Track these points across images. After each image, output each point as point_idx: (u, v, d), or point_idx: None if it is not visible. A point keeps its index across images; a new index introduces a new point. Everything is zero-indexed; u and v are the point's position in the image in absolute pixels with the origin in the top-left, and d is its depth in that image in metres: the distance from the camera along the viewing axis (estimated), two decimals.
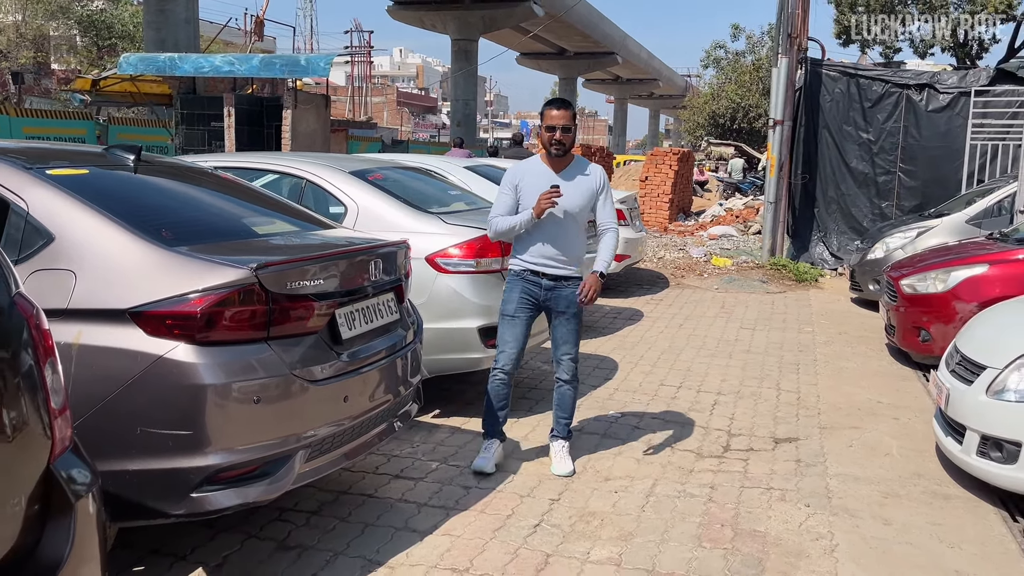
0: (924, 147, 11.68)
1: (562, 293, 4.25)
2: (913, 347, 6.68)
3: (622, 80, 77.56)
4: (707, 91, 41.38)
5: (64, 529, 1.81)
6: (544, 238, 4.19)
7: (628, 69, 69.36)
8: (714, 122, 37.20)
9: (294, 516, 3.74)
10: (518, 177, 4.26)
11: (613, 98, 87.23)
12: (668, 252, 12.48)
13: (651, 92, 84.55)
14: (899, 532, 3.74)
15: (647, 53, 70.91)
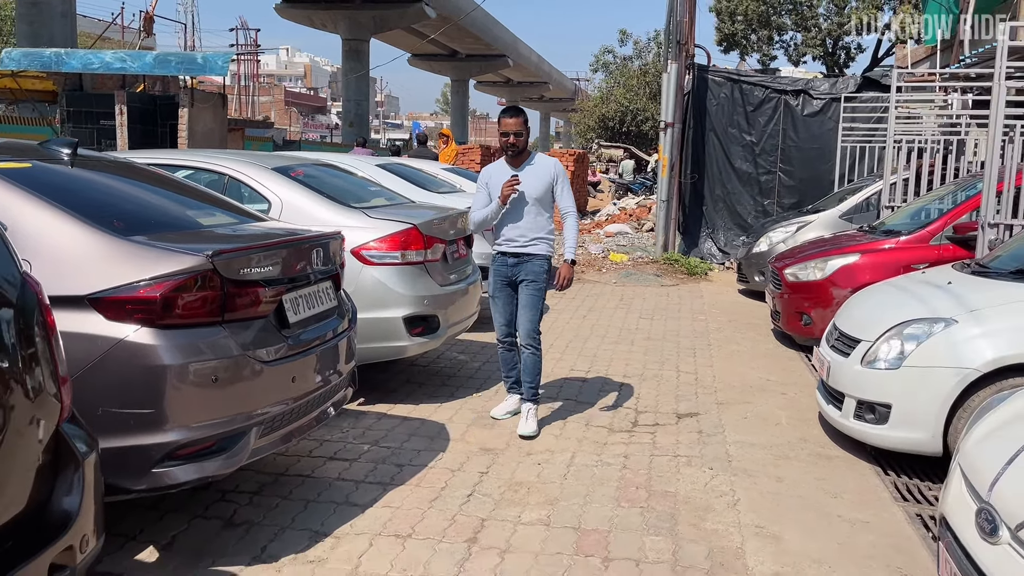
0: (801, 148, 12.59)
1: (524, 267, 5.01)
2: (796, 330, 7.31)
3: (513, 83, 78.56)
4: (597, 95, 42.46)
5: (75, 484, 1.98)
6: (509, 223, 4.98)
7: (519, 72, 70.35)
8: (604, 125, 38.23)
9: (237, 496, 3.90)
10: (487, 177, 5.09)
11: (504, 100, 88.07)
12: None
13: (541, 95, 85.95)
14: (790, 487, 4.22)
15: (537, 56, 72.11)
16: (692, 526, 3.73)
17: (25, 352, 1.86)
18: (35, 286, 2.00)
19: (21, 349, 1.84)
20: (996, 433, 2.64)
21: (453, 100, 68.29)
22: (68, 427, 2.11)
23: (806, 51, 32.65)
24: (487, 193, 5.04)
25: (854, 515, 3.90)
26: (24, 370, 1.84)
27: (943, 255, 6.70)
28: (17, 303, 1.91)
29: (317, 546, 3.47)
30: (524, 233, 4.97)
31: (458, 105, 66.97)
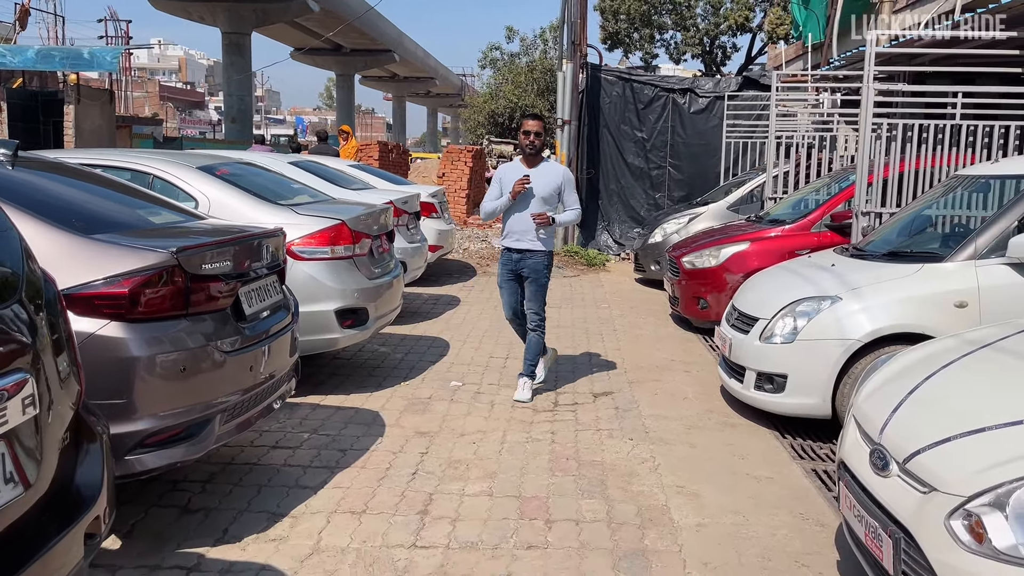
0: (688, 144, 13.34)
1: (527, 263, 5.62)
2: (694, 314, 7.88)
3: (399, 78, 78.05)
4: (485, 91, 42.85)
5: (97, 459, 2.15)
6: (511, 220, 5.59)
7: (405, 67, 69.98)
8: (493, 121, 38.63)
9: (189, 486, 4.03)
10: (502, 173, 5.69)
11: (391, 95, 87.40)
12: (472, 243, 13.27)
13: (428, 90, 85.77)
14: (702, 451, 4.69)
15: (423, 52, 71.92)
16: (621, 489, 4.12)
17: (53, 337, 2.03)
18: (50, 276, 2.16)
19: (51, 335, 2.01)
20: (882, 388, 3.12)
21: (339, 95, 67.29)
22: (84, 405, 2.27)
23: (686, 50, 34.06)
24: (500, 187, 5.61)
25: (760, 472, 4.39)
26: (55, 353, 2.01)
27: (822, 241, 7.38)
28: (45, 294, 2.07)
29: (276, 526, 3.67)
30: (528, 228, 5.52)
31: (344, 100, 66.05)
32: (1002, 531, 2.19)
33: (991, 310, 4.56)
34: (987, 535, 2.22)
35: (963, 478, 2.35)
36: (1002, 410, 2.52)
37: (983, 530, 2.23)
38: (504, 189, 5.57)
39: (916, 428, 2.70)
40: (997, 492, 2.24)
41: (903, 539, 2.50)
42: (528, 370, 5.71)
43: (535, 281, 5.64)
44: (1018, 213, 4.70)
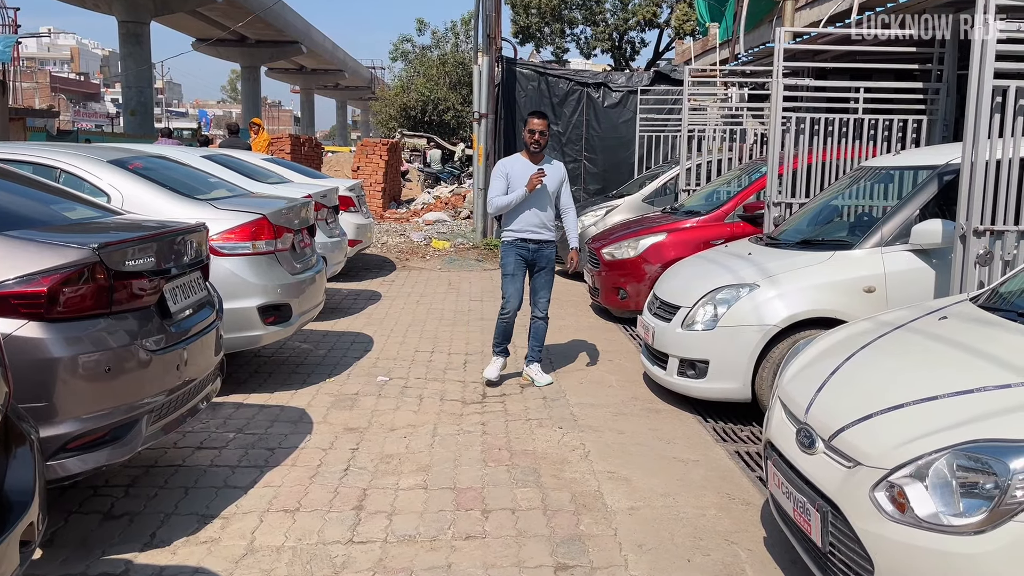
0: (603, 138, 13.55)
1: (543, 253, 5.82)
2: (614, 304, 8.02)
3: (307, 70, 76.51)
4: (397, 84, 42.44)
5: (29, 463, 2.06)
6: (531, 211, 5.68)
7: (313, 59, 68.65)
8: (406, 114, 38.32)
9: (110, 490, 3.90)
10: (508, 168, 5.75)
11: (299, 88, 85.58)
12: (391, 238, 13.17)
13: (337, 83, 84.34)
14: (630, 437, 4.80)
15: (332, 44, 70.71)
16: (553, 477, 4.19)
17: None
18: None
19: None
20: (804, 370, 3.27)
21: (244, 87, 65.45)
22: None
23: (596, 45, 34.57)
24: (505, 182, 5.68)
25: (686, 456, 4.52)
26: None
27: (736, 231, 7.63)
28: None
29: (207, 527, 3.59)
30: (543, 221, 5.72)
31: (249, 92, 64.28)
32: (923, 500, 2.33)
33: (897, 294, 4.81)
34: (909, 505, 2.35)
35: (885, 452, 2.49)
36: (917, 387, 2.67)
37: (905, 500, 2.37)
38: (512, 183, 5.66)
39: (839, 407, 2.84)
40: (917, 464, 2.38)
41: (830, 512, 2.63)
42: (538, 355, 5.91)
43: (549, 270, 5.86)
44: (919, 203, 4.97)
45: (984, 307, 3.30)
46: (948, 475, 2.31)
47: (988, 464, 2.24)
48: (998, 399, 2.43)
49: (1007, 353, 2.71)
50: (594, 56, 35.85)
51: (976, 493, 2.25)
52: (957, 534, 2.24)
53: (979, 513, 2.22)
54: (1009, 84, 4.15)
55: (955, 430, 2.37)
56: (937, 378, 2.68)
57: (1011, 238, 4.28)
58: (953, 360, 2.85)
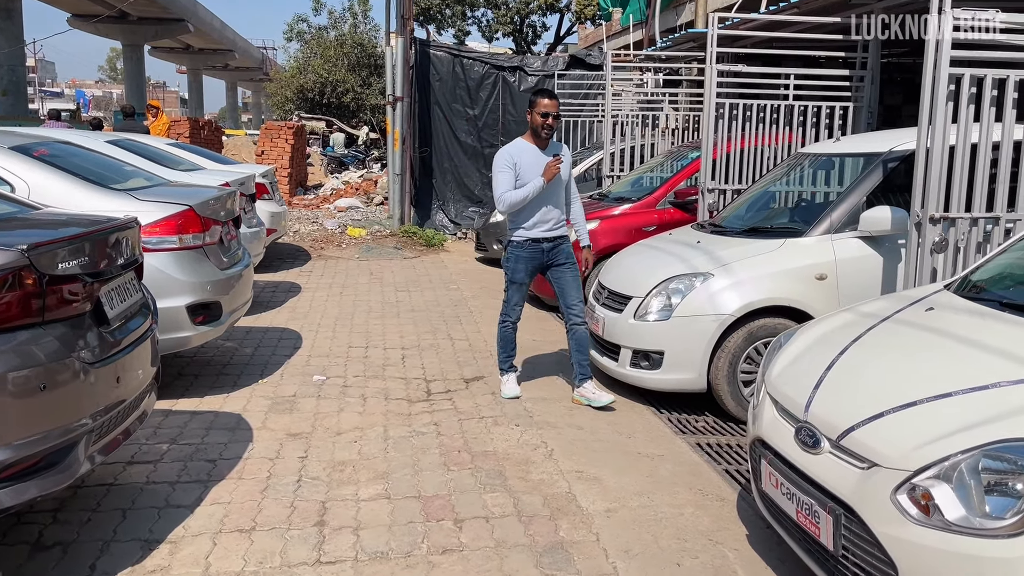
0: (520, 122, 13.33)
1: (561, 249, 5.13)
2: (546, 293, 7.83)
3: (194, 50, 73.23)
4: (293, 65, 41.08)
5: None
6: (543, 206, 5.01)
7: (200, 38, 65.70)
8: (303, 96, 37.15)
9: (36, 517, 3.49)
10: (515, 157, 4.99)
11: (185, 68, 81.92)
12: (303, 225, 12.66)
13: (226, 64, 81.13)
14: (590, 433, 4.67)
15: (220, 22, 67.85)
16: (520, 479, 4.01)
17: None
18: None
19: None
20: (794, 365, 3.19)
21: (126, 67, 62.04)
22: None
23: (498, 28, 34.29)
24: (514, 174, 4.95)
25: (650, 450, 4.42)
26: None
27: (666, 218, 7.62)
28: None
29: (154, 554, 3.25)
30: (557, 216, 5.08)
31: (132, 72, 60.96)
32: (951, 503, 2.27)
33: (847, 281, 4.84)
34: (936, 507, 2.28)
35: (905, 453, 2.41)
36: (926, 383, 2.62)
37: (931, 503, 2.30)
38: (523, 174, 4.95)
39: (844, 404, 2.76)
40: (943, 465, 2.31)
41: (844, 515, 2.55)
42: (587, 370, 5.13)
43: (572, 264, 5.16)
44: (866, 189, 5.01)
45: (964, 296, 3.29)
46: (978, 476, 2.25)
47: (1022, 464, 2.18)
48: (1017, 395, 2.39)
49: (1011, 346, 2.69)
50: (496, 39, 35.55)
51: (1008, 494, 2.20)
52: (991, 537, 2.18)
53: (1014, 515, 2.16)
54: (963, 72, 4.19)
55: (980, 429, 2.31)
56: (945, 373, 2.64)
57: (964, 225, 4.34)
58: (956, 353, 2.81)
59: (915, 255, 4.37)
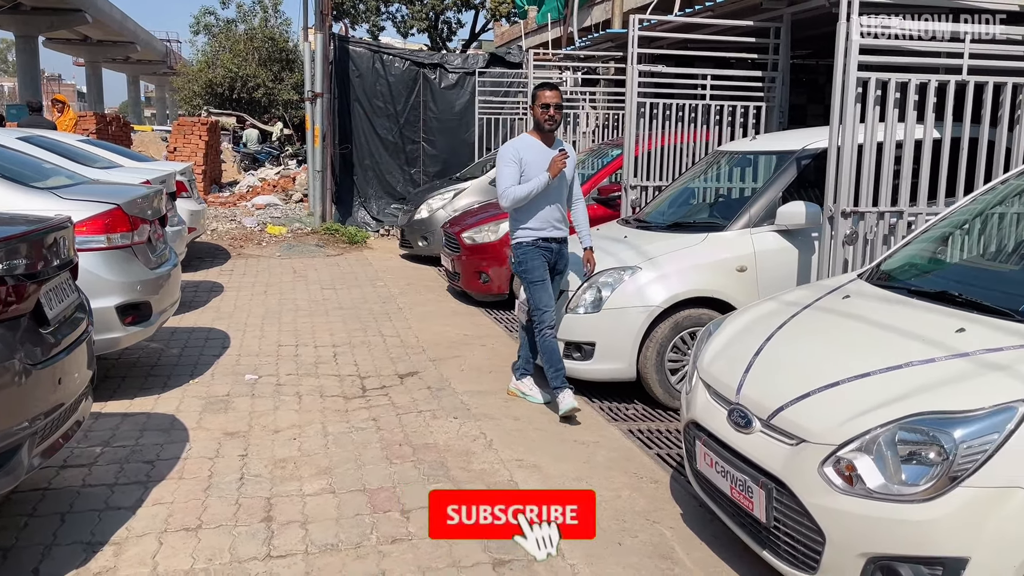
0: (441, 119, 13.43)
1: (564, 252, 5.06)
2: (476, 288, 8.00)
3: (93, 41, 70.26)
4: (201, 59, 39.95)
5: None
6: (549, 205, 4.87)
7: (100, 30, 63.14)
8: (212, 91, 36.20)
9: None
10: (520, 152, 4.82)
11: (83, 61, 78.49)
12: (220, 223, 12.40)
13: (127, 56, 78.05)
14: (527, 423, 4.80)
15: (121, 14, 65.31)
16: (463, 469, 4.11)
17: None
18: None
19: None
20: (725, 351, 3.39)
21: (19, 59, 59.11)
22: None
23: (413, 24, 34.14)
24: (519, 169, 4.78)
25: (585, 438, 4.59)
26: None
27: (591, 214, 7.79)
28: None
29: (98, 556, 3.22)
30: (562, 216, 4.96)
31: (25, 65, 58.12)
32: (872, 473, 2.48)
33: (766, 272, 5.11)
34: (859, 477, 2.50)
35: (830, 428, 2.62)
36: (847, 365, 2.84)
37: (854, 473, 2.51)
38: (527, 170, 4.78)
39: (772, 386, 2.96)
40: (864, 439, 2.53)
41: (775, 489, 2.75)
42: (530, 368, 5.16)
43: (564, 275, 5.12)
44: (782, 185, 5.29)
45: (876, 284, 3.56)
46: (894, 447, 2.47)
47: (933, 435, 2.41)
48: (928, 373, 2.62)
49: (919, 328, 2.93)
50: (411, 35, 35.40)
51: (922, 462, 2.42)
52: (907, 502, 2.40)
53: (927, 481, 2.39)
54: (869, 76, 4.49)
55: (895, 404, 2.53)
56: (864, 355, 2.86)
57: (871, 218, 4.65)
58: (873, 337, 3.05)
59: (828, 247, 4.66)
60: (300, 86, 33.29)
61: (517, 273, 5.07)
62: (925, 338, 2.83)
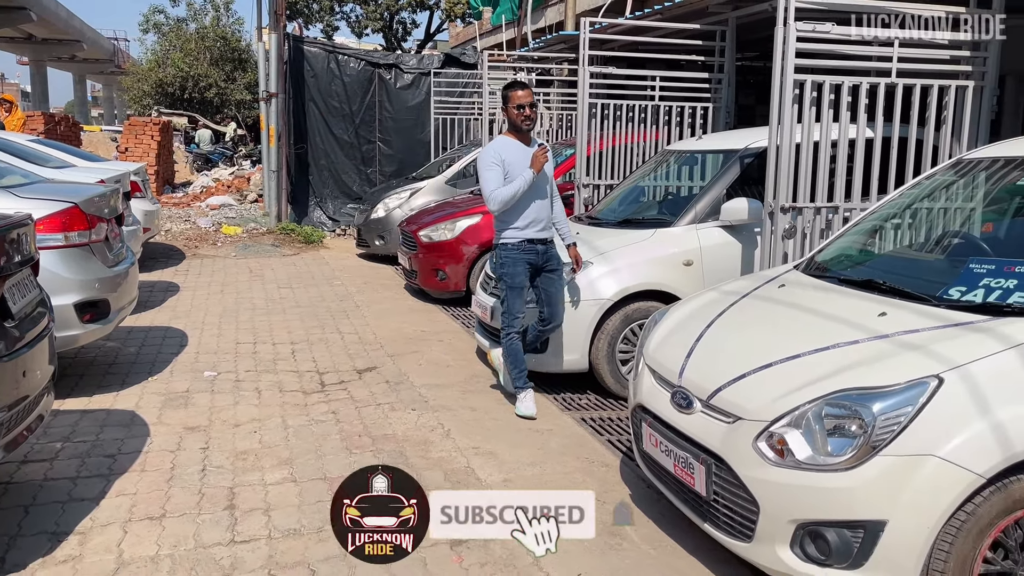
0: (396, 119, 13.51)
1: (552, 253, 4.97)
2: (433, 286, 8.12)
3: (38, 40, 68.46)
4: (151, 58, 39.32)
5: None
6: (534, 205, 4.83)
7: (45, 28, 61.60)
8: (162, 91, 35.67)
9: None
10: (501, 154, 4.78)
11: (28, 59, 76.63)
12: (174, 224, 12.34)
13: (74, 55, 76.24)
14: (484, 413, 4.96)
15: (67, 12, 63.83)
16: (421, 457, 4.25)
17: None
18: None
19: None
20: (668, 338, 3.57)
21: None
22: None
23: (367, 24, 34.06)
24: (502, 170, 4.73)
25: (540, 426, 4.76)
26: None
27: None
28: None
29: (63, 545, 3.30)
30: (545, 216, 4.90)
31: None
32: (801, 445, 2.68)
33: (711, 266, 5.33)
34: (789, 450, 2.70)
35: (763, 406, 2.82)
36: (780, 347, 3.04)
37: (785, 447, 2.71)
38: (511, 170, 4.73)
39: (712, 369, 3.16)
40: (794, 414, 2.72)
41: (714, 464, 2.94)
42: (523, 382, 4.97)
43: (561, 271, 5.01)
44: (726, 183, 5.53)
45: (810, 274, 3.78)
46: (821, 422, 2.67)
47: (855, 409, 2.62)
48: (852, 353, 2.83)
49: (846, 313, 3.15)
50: (366, 36, 35.30)
51: (846, 435, 2.63)
52: (832, 471, 2.61)
53: (849, 451, 2.59)
54: (806, 78, 4.73)
55: (822, 382, 2.74)
56: (795, 339, 3.07)
57: (809, 213, 4.89)
58: (804, 322, 3.26)
59: (769, 241, 4.89)
60: (253, 86, 33.02)
61: (497, 274, 5.04)
62: (850, 322, 3.04)
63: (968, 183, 3.94)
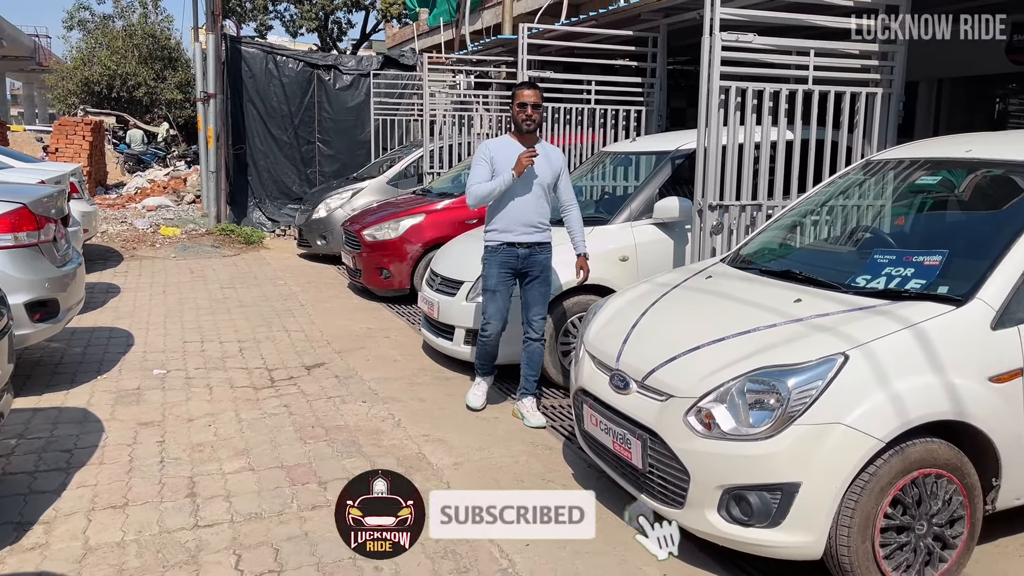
0: (336, 120, 13.58)
1: (537, 258, 4.84)
2: (377, 284, 8.28)
3: None
4: (76, 56, 38.26)
5: None
6: (515, 208, 4.75)
7: None
8: (88, 90, 34.77)
9: None
10: (491, 151, 4.77)
11: None
12: (111, 225, 12.19)
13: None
14: (432, 404, 5.17)
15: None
16: (374, 446, 4.45)
17: None
18: None
19: None
20: (606, 326, 3.85)
21: None
22: None
23: (302, 23, 33.80)
24: (490, 167, 4.72)
25: (487, 414, 5.00)
26: None
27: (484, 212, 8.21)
28: None
29: (29, 535, 3.42)
30: (532, 219, 4.77)
31: None
32: (726, 418, 2.98)
33: (645, 261, 5.63)
34: (715, 423, 2.99)
35: (692, 384, 3.11)
36: (706, 332, 3.34)
37: (712, 420, 3.00)
38: (499, 169, 4.70)
39: (646, 353, 3.44)
40: (719, 390, 3.02)
41: (649, 439, 3.22)
42: (533, 387, 4.95)
43: (544, 280, 4.88)
44: (659, 183, 5.84)
45: (735, 266, 4.10)
46: (744, 396, 2.97)
47: (772, 384, 2.93)
48: (770, 336, 3.15)
49: (765, 300, 3.47)
50: (300, 35, 35.03)
51: (765, 408, 2.94)
52: (753, 440, 2.91)
53: (768, 422, 2.90)
54: (730, 85, 5.07)
55: (744, 361, 3.04)
56: (720, 324, 3.37)
57: (734, 211, 5.24)
58: (728, 309, 3.57)
59: (698, 237, 5.22)
60: (184, 85, 32.47)
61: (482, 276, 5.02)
62: (769, 308, 3.36)
63: (877, 182, 4.32)
